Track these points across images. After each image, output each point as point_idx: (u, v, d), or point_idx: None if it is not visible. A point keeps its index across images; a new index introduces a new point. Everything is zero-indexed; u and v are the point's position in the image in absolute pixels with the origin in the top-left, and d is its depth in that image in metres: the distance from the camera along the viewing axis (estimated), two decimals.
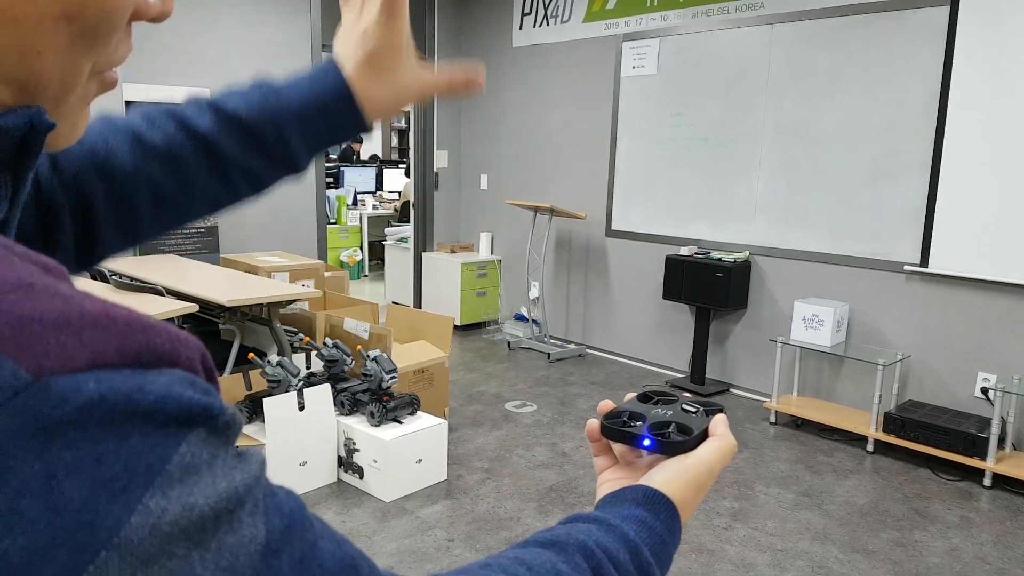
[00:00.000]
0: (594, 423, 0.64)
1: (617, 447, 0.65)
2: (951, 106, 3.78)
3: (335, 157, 12.33)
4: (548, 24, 5.79)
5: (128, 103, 4.59)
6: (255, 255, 5.12)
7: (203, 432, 0.30)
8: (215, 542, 0.29)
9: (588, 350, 5.78)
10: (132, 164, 0.61)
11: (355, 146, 12.09)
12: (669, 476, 0.58)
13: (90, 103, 0.39)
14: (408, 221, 7.10)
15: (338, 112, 0.62)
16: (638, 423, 0.63)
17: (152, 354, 0.30)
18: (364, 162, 11.64)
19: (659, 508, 0.55)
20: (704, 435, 0.62)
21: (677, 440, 0.60)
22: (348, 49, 0.62)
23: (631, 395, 0.68)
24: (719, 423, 0.62)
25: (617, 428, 0.63)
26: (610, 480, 0.63)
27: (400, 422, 3.41)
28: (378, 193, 10.25)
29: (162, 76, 4.91)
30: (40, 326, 0.27)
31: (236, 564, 0.30)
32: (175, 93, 4.88)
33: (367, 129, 0.64)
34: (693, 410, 0.65)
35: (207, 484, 0.29)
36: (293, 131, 0.63)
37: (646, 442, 0.61)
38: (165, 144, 0.62)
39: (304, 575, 0.33)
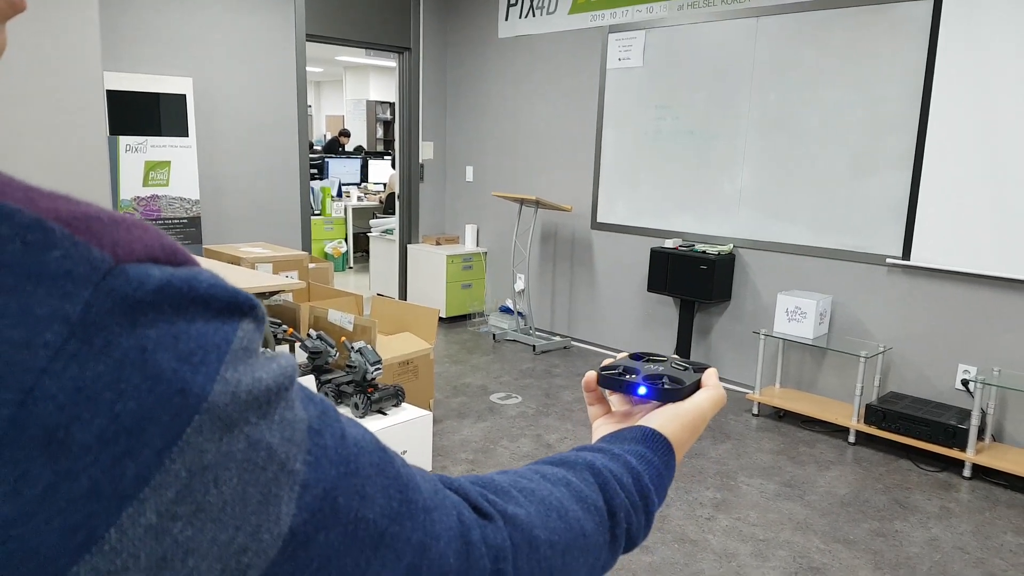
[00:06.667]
0: (592, 374, 0.67)
1: (612, 399, 0.68)
2: (934, 100, 3.81)
3: (320, 148, 12.26)
4: (534, 15, 5.77)
5: (110, 92, 4.53)
6: (238, 246, 5.08)
7: (250, 323, 0.33)
8: (277, 415, 0.32)
9: (573, 342, 5.79)
10: None
11: (342, 139, 12.02)
12: (665, 419, 0.62)
13: None
14: (393, 213, 7.07)
15: None
16: (633, 375, 0.65)
17: (183, 256, 0.32)
18: (349, 153, 11.57)
19: (657, 445, 0.59)
20: (697, 386, 0.65)
21: (672, 387, 0.63)
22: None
23: (624, 354, 0.71)
24: (711, 375, 0.67)
25: (615, 377, 0.65)
26: (605, 424, 0.65)
27: (385, 413, 3.40)
28: (363, 184, 10.19)
29: (144, 64, 4.86)
30: (101, 223, 0.29)
31: (294, 437, 0.33)
32: (158, 82, 4.82)
33: None
34: (684, 367, 0.68)
35: (263, 364, 0.32)
36: None
37: (642, 390, 0.63)
38: None
39: (345, 450, 0.36)
